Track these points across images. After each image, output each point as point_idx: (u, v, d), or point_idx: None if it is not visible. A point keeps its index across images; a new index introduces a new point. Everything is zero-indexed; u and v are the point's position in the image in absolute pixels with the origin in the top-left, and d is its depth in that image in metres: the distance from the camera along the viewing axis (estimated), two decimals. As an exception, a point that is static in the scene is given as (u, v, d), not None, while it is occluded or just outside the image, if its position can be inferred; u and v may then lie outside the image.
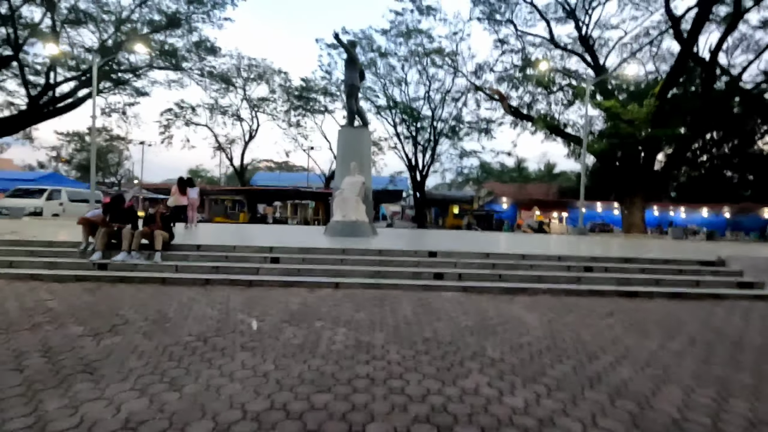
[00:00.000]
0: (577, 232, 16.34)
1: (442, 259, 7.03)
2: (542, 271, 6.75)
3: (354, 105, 11.73)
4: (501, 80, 23.36)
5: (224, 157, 37.06)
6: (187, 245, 7.14)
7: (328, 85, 31.09)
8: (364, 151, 11.55)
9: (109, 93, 25.38)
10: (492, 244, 10.09)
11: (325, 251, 7.14)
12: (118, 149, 47.85)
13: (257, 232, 12.12)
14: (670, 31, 23.12)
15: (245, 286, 5.92)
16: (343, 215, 10.41)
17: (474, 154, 32.34)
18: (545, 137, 22.47)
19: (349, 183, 10.72)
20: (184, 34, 26.54)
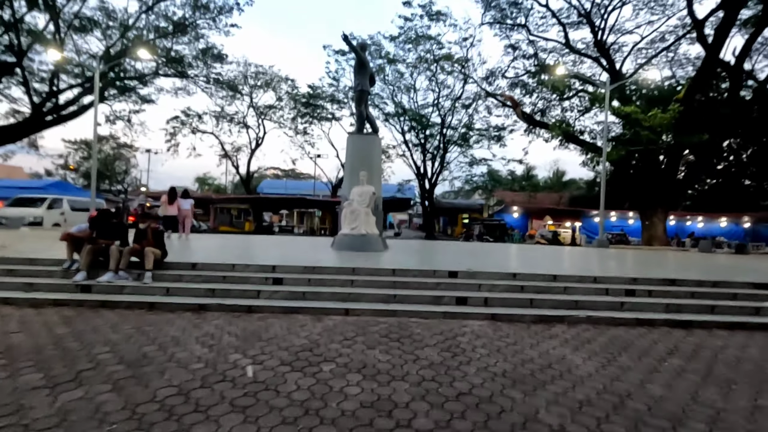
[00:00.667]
0: (597, 244, 15.50)
1: (463, 280, 6.28)
2: (578, 295, 5.98)
3: (364, 111, 11.10)
4: (513, 86, 22.71)
5: (230, 165, 36.67)
6: (182, 263, 6.47)
7: (336, 92, 30.70)
8: (374, 159, 10.89)
9: (114, 101, 25.09)
10: (514, 260, 9.32)
11: (333, 271, 6.43)
12: (126, 157, 47.77)
13: (260, 245, 11.46)
14: (689, 36, 22.44)
15: (244, 312, 5.22)
16: (352, 228, 9.72)
17: (484, 162, 31.63)
18: (560, 145, 21.67)
19: (359, 193, 10.04)
20: (191, 41, 26.30)
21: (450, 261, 8.23)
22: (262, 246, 10.70)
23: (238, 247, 9.83)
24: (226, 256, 7.47)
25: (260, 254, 8.26)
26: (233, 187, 57.53)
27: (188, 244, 10.56)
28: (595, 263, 9.47)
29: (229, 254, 7.91)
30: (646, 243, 18.88)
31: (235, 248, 9.33)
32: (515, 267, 7.45)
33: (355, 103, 11.39)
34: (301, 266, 6.45)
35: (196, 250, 8.93)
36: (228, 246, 10.06)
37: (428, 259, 8.29)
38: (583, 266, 8.71)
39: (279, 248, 9.95)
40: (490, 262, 8.28)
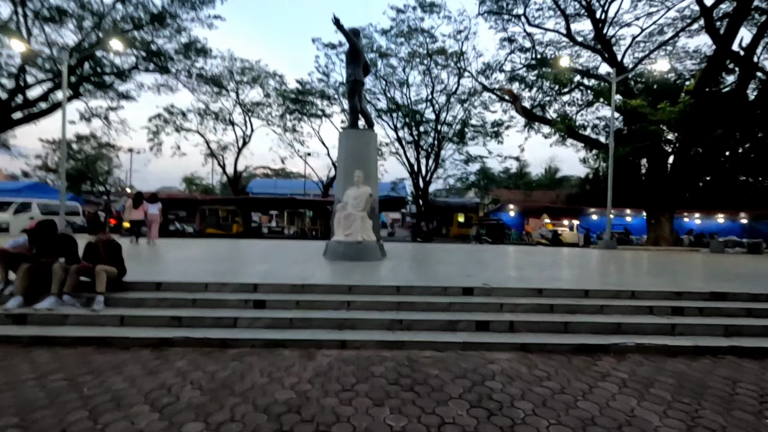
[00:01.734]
0: (604, 245, 14.71)
1: (481, 299, 5.32)
2: (618, 315, 5.06)
3: (357, 104, 10.07)
4: (512, 80, 21.86)
5: (216, 165, 35.30)
6: (144, 283, 5.40)
7: (326, 87, 29.54)
8: (370, 158, 9.87)
9: (89, 97, 23.67)
10: (528, 269, 8.39)
11: (326, 290, 5.42)
12: (108, 157, 45.99)
13: (243, 253, 10.40)
14: (689, 29, 21.78)
15: (216, 348, 4.20)
16: (347, 234, 8.71)
17: (479, 159, 30.77)
18: (561, 141, 20.88)
19: (354, 196, 9.03)
20: (172, 34, 24.98)
21: (458, 272, 7.27)
22: (245, 255, 9.63)
23: (217, 257, 8.74)
24: (200, 271, 6.40)
25: (241, 267, 7.20)
26: (221, 188, 56.04)
27: (157, 253, 9.46)
28: (618, 271, 8.59)
29: (205, 268, 6.84)
30: (653, 243, 18.19)
31: (212, 259, 8.24)
32: (533, 277, 6.51)
33: (347, 95, 10.37)
34: (288, 284, 5.43)
35: (166, 262, 7.84)
36: (205, 256, 8.97)
37: (434, 271, 7.31)
38: (608, 275, 7.82)
39: (264, 258, 8.90)
40: (503, 273, 7.34)
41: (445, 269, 7.52)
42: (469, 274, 6.77)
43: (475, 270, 7.54)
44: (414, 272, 6.93)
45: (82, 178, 46.11)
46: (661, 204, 17.77)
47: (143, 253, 9.50)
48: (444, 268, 7.77)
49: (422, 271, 7.17)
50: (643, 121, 15.77)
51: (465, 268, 7.76)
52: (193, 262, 7.72)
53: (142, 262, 7.46)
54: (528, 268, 8.19)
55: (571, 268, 8.57)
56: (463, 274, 6.91)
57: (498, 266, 8.42)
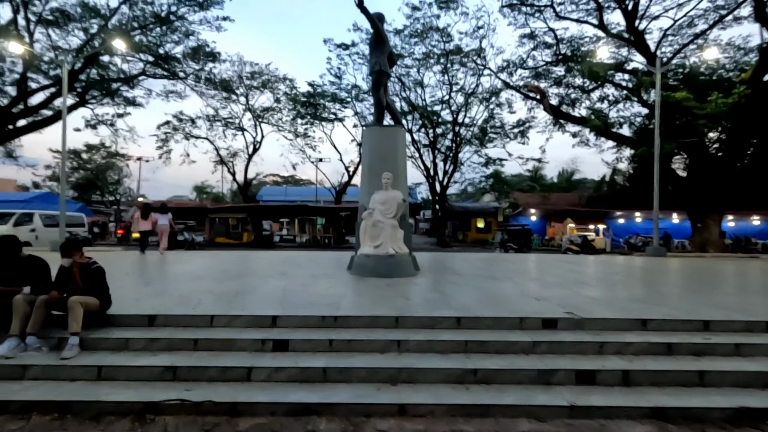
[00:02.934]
0: (653, 252, 13.25)
1: (571, 335, 4.04)
2: (761, 359, 3.74)
3: (383, 97, 8.89)
4: (538, 76, 20.53)
5: (226, 172, 34.44)
6: (133, 316, 4.23)
7: (338, 90, 28.49)
8: (398, 157, 8.66)
9: (96, 104, 22.93)
10: (595, 285, 7.05)
11: (366, 322, 4.19)
12: (118, 166, 45.58)
13: (255, 267, 9.23)
14: (725, 18, 20.30)
15: (223, 417, 2.99)
16: (376, 246, 7.48)
17: (498, 162, 29.38)
18: (585, 142, 19.45)
19: (382, 201, 7.81)
20: (180, 39, 24.23)
21: (516, 291, 5.98)
22: (258, 269, 8.44)
23: (226, 273, 7.54)
24: (204, 294, 5.20)
25: (254, 287, 5.99)
26: (232, 196, 55.38)
27: (160, 268, 8.35)
28: (712, 288, 7.21)
29: (210, 289, 5.63)
30: (699, 248, 16.63)
31: (220, 276, 7.05)
32: (614, 299, 5.17)
33: (372, 87, 9.18)
34: (316, 316, 4.21)
35: (165, 281, 6.67)
36: (212, 272, 7.80)
37: (488, 291, 6.02)
38: (706, 295, 6.45)
39: (280, 272, 7.70)
40: (572, 291, 6.02)
41: (499, 287, 6.23)
42: (535, 295, 5.47)
43: (535, 287, 6.24)
44: (465, 293, 5.66)
45: (92, 188, 45.79)
46: (707, 205, 16.21)
47: (143, 268, 8.40)
48: (496, 285, 6.48)
49: (473, 290, 5.89)
50: (687, 115, 14.35)
51: (521, 285, 6.46)
52: (197, 280, 6.54)
53: (138, 281, 6.31)
54: (595, 285, 6.86)
55: (647, 285, 7.21)
56: (524, 293, 5.61)
57: (556, 281, 7.10)
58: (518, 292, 5.74)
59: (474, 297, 5.31)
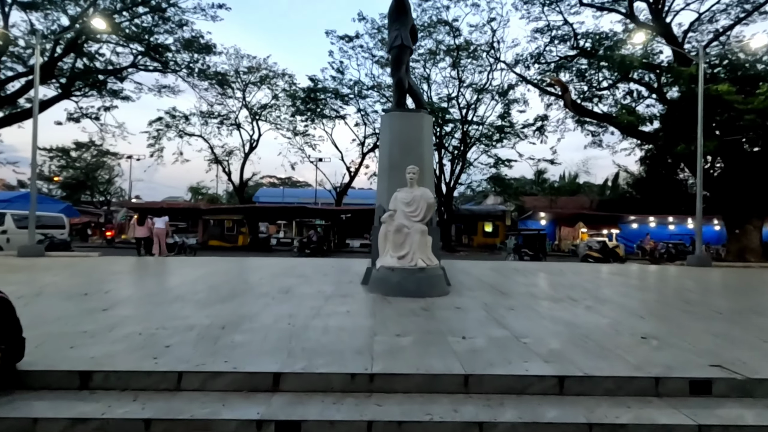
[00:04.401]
0: (696, 262, 11.86)
1: (739, 408, 2.57)
2: None
3: (405, 77, 7.45)
4: (558, 69, 19.15)
5: (221, 171, 32.81)
6: (58, 373, 2.72)
7: (339, 86, 27.00)
8: (424, 148, 7.22)
9: (81, 96, 21.35)
10: (702, 311, 5.59)
11: (420, 384, 2.71)
12: (109, 165, 43.90)
13: (249, 281, 7.73)
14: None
15: None
16: (400, 256, 6.01)
17: (507, 163, 27.95)
18: (619, 138, 18.03)
19: (406, 201, 6.35)
20: (173, 29, 22.73)
21: (606, 325, 4.53)
22: (252, 284, 6.93)
23: (213, 295, 5.95)
24: (179, 334, 3.69)
25: (249, 317, 4.47)
26: (228, 197, 53.77)
27: (127, 287, 6.86)
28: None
29: (188, 325, 4.08)
30: (736, 256, 15.26)
31: (205, 301, 5.47)
32: (744, 339, 3.70)
33: (391, 65, 7.72)
34: (343, 373, 2.73)
35: (126, 312, 5.07)
36: (196, 287, 6.27)
37: (565, 323, 4.55)
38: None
39: (281, 293, 6.20)
40: (685, 325, 4.55)
41: (574, 315, 4.76)
42: (636, 331, 4.00)
43: (621, 315, 4.76)
44: (534, 324, 4.20)
45: (82, 188, 44.03)
46: (747, 209, 14.82)
47: (110, 283, 6.89)
48: (566, 311, 5.00)
49: (542, 320, 4.42)
50: (729, 110, 13.01)
51: (598, 311, 4.98)
52: (175, 303, 5.03)
53: (92, 308, 4.76)
54: (705, 313, 5.32)
55: (745, 313, 5.73)
56: (617, 327, 4.15)
57: (638, 305, 5.64)
58: (608, 325, 4.27)
59: (553, 333, 3.84)
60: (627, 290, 7.08)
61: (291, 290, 6.03)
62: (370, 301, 5.35)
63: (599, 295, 6.23)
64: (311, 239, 21.45)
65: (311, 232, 22.62)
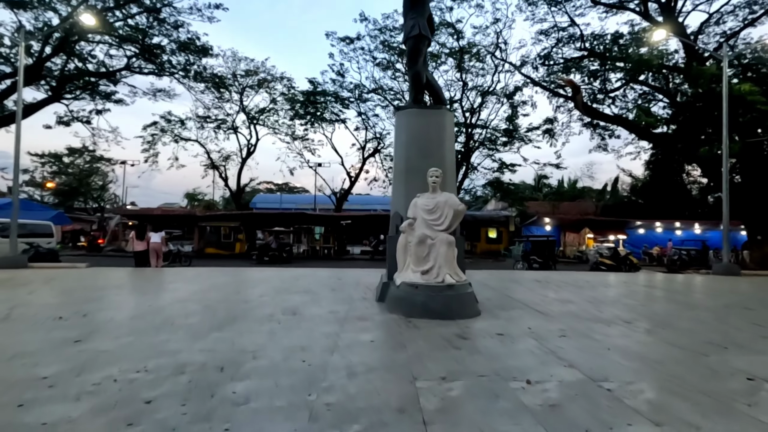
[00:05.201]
0: (723, 270, 11.20)
1: None
2: None
3: (423, 70, 6.75)
4: (568, 69, 18.55)
5: (218, 177, 31.96)
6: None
7: (339, 89, 26.35)
8: (446, 148, 6.49)
9: (71, 99, 20.57)
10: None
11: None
12: (103, 172, 42.93)
13: (244, 298, 6.98)
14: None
15: None
16: (424, 271, 5.27)
17: (510, 168, 27.28)
18: (637, 139, 17.34)
19: (429, 207, 5.62)
20: (169, 31, 22.05)
21: (690, 357, 3.79)
22: (256, 308, 6.16)
23: (209, 318, 5.15)
24: (163, 382, 2.91)
25: (253, 353, 3.71)
26: (224, 203, 52.88)
27: (111, 309, 6.08)
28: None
29: (176, 365, 3.29)
30: (759, 263, 14.60)
31: (198, 328, 4.62)
32: None
33: (407, 57, 7.01)
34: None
35: (104, 345, 4.28)
36: (188, 316, 5.48)
37: (646, 359, 3.83)
38: None
39: (288, 314, 5.43)
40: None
41: (636, 342, 4.01)
42: (746, 374, 3.25)
43: (695, 342, 4.03)
44: (604, 359, 3.45)
45: (75, 194, 43.01)
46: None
47: (94, 303, 6.11)
48: (632, 337, 4.26)
49: (611, 354, 3.68)
50: (752, 111, 12.43)
51: (670, 337, 4.24)
52: (163, 331, 4.24)
53: (61, 340, 3.94)
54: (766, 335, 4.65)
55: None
56: (702, 359, 3.41)
57: (696, 327, 4.92)
58: (691, 359, 3.52)
59: (634, 373, 3.09)
60: (676, 308, 6.35)
61: (298, 311, 5.26)
62: (393, 325, 4.58)
63: (651, 315, 5.49)
64: (270, 246, 20.32)
65: (270, 239, 21.29)
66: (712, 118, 13.47)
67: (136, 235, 11.75)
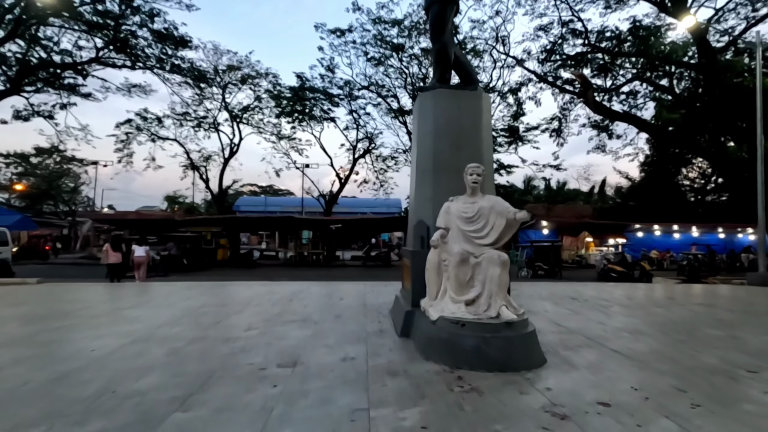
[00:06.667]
0: (759, 279, 10.21)
1: None
2: None
3: (451, 44, 5.41)
4: (577, 64, 17.46)
5: (198, 179, 30.05)
6: None
7: (329, 87, 24.89)
8: (483, 140, 5.16)
9: (32, 93, 18.59)
10: None
11: None
12: (74, 172, 40.39)
13: (238, 342, 5.53)
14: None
15: None
16: (469, 300, 3.90)
17: (508, 169, 26.29)
18: (624, 144, 16.49)
19: (467, 216, 4.27)
20: (144, 20, 20.26)
21: None
22: (242, 349, 4.68)
23: (164, 377, 3.75)
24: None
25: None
26: (206, 206, 50.61)
27: (49, 358, 4.55)
28: None
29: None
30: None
31: (147, 398, 3.27)
32: None
33: (431, 28, 5.61)
34: None
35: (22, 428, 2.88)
36: (151, 366, 4.01)
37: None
38: None
39: (285, 362, 4.02)
40: None
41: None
42: None
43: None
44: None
45: (45, 197, 40.35)
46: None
47: (35, 343, 4.58)
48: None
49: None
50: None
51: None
52: (94, 400, 2.81)
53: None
54: None
55: None
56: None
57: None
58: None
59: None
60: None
61: (300, 359, 3.81)
62: (440, 385, 3.19)
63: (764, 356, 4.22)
64: (171, 252, 17.58)
65: (170, 244, 18.41)
66: (723, 112, 12.55)
67: (112, 247, 11.00)
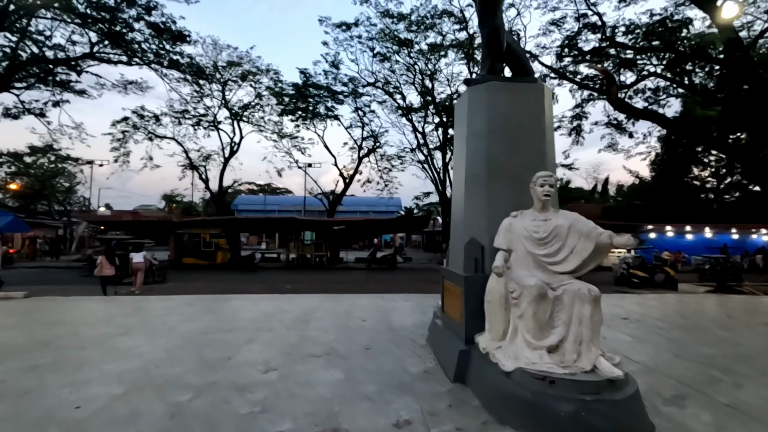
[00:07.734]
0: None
1: None
2: None
3: (503, 31, 4.58)
4: (599, 55, 16.62)
5: (197, 179, 29.08)
6: None
7: (333, 84, 23.99)
8: (546, 141, 4.33)
9: (22, 89, 17.65)
10: None
11: None
12: (69, 172, 39.32)
13: (241, 394, 4.69)
14: None
15: None
16: (551, 346, 3.08)
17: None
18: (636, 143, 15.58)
19: (539, 235, 3.45)
20: (140, 13, 19.32)
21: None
22: (247, 407, 3.87)
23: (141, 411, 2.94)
24: None
25: None
26: (205, 206, 49.63)
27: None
28: None
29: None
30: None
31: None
32: None
33: (480, 11, 4.70)
34: None
35: None
36: (123, 378, 3.18)
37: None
38: None
39: (288, 407, 3.19)
40: None
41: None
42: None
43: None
44: None
45: (39, 197, 39.27)
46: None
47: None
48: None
49: None
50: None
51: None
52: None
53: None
54: None
55: None
56: None
57: None
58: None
59: None
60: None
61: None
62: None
63: None
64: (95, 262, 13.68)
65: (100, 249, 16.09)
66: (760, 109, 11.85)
67: (106, 260, 10.64)
